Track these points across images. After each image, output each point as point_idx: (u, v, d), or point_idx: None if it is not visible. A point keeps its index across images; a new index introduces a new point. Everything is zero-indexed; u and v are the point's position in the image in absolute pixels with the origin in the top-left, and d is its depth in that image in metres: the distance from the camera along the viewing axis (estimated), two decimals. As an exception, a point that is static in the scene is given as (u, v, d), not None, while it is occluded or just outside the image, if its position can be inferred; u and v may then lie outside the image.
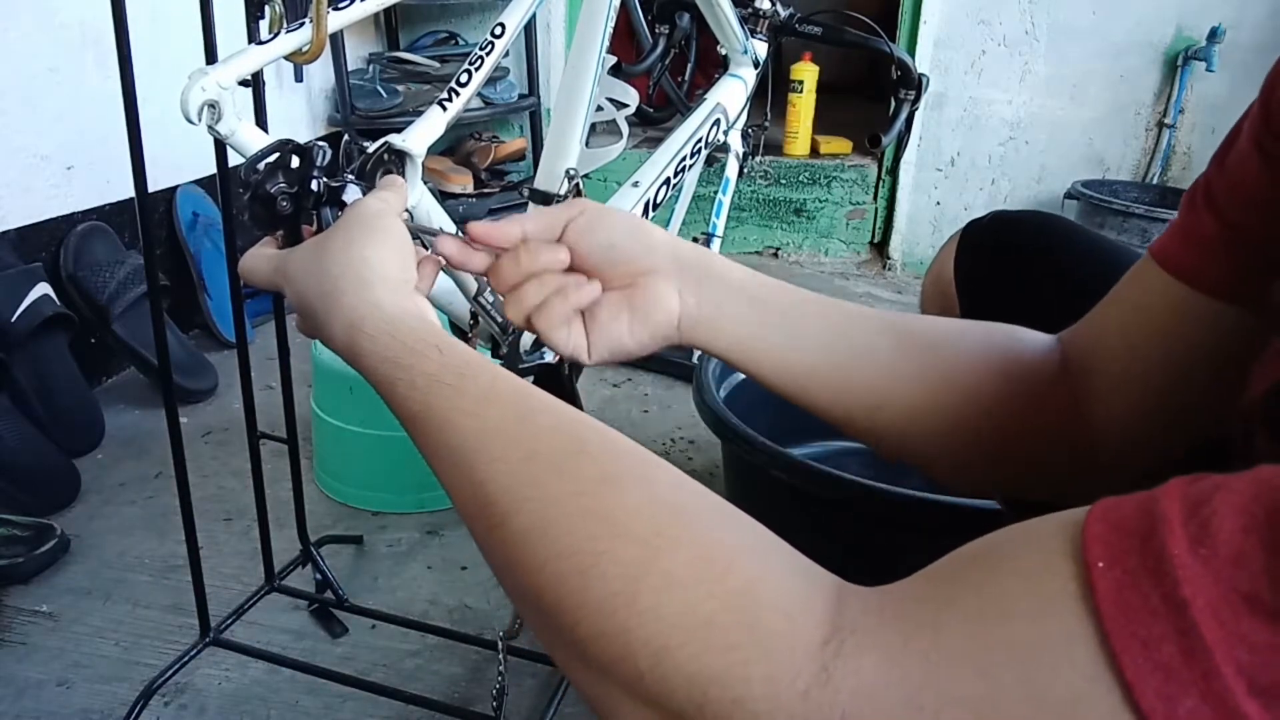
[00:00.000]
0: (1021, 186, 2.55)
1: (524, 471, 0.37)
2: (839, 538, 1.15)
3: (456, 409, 0.40)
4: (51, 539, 1.22)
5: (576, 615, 0.33)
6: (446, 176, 2.55)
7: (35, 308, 1.46)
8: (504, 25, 0.91)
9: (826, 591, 0.32)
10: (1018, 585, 0.28)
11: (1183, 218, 0.50)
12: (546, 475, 0.37)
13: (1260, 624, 0.23)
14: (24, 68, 1.57)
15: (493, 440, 0.39)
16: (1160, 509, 0.26)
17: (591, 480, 0.36)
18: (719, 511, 0.36)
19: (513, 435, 0.39)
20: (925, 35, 2.45)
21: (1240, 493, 0.26)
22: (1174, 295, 0.49)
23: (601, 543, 0.34)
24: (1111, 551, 0.26)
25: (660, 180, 1.10)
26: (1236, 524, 0.25)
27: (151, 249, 0.91)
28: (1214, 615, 0.24)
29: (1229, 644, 0.23)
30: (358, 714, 1.01)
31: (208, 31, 0.86)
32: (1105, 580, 0.26)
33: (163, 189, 1.86)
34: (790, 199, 2.72)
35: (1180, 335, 0.49)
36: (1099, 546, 0.27)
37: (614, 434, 0.39)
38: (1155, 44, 2.37)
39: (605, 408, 1.74)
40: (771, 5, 1.34)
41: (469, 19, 2.77)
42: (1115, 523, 0.27)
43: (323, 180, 0.55)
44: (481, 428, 0.39)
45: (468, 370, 0.42)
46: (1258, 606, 0.23)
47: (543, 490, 0.36)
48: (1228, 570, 0.24)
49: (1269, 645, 0.23)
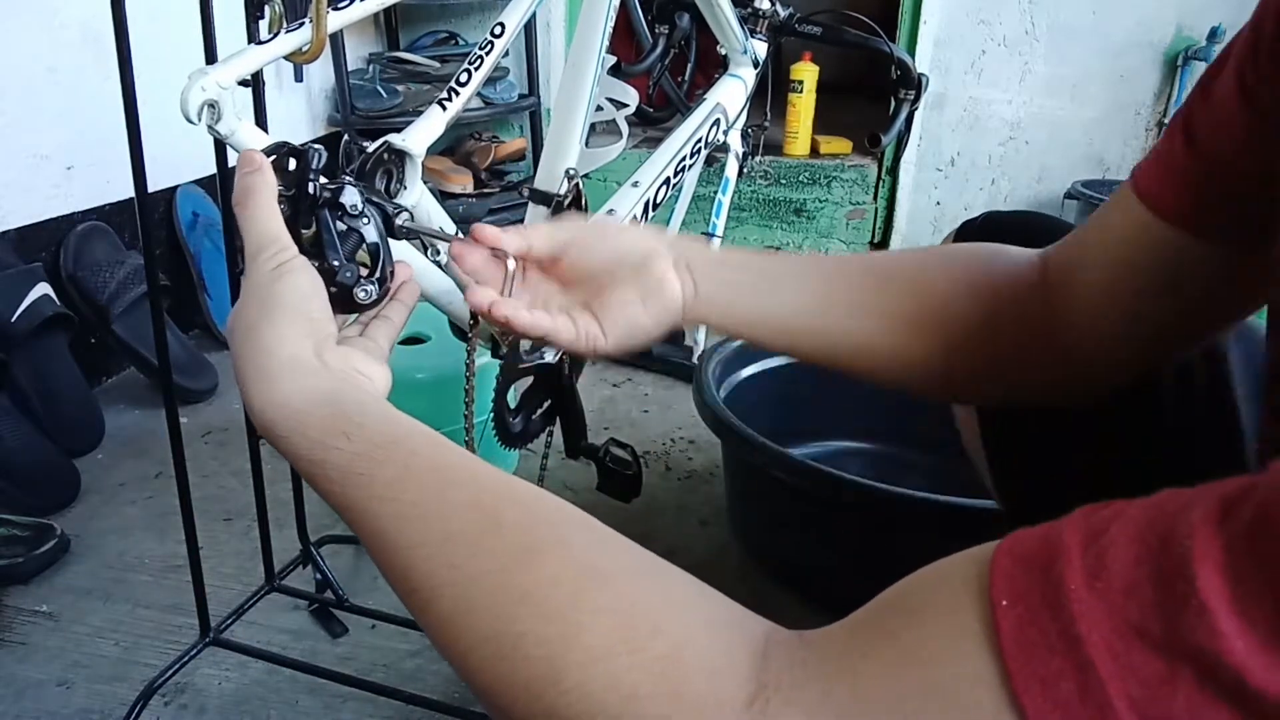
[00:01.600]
0: (1021, 186, 2.55)
1: (442, 554, 0.37)
2: (839, 538, 1.15)
3: (372, 498, 0.40)
4: (51, 539, 1.22)
5: (508, 697, 0.33)
6: (446, 176, 2.55)
7: (35, 308, 1.46)
8: (504, 25, 0.91)
9: (752, 645, 0.32)
10: (928, 627, 0.29)
11: (1162, 144, 0.50)
12: (464, 556, 0.36)
13: (1150, 657, 0.23)
14: (24, 68, 1.57)
15: (410, 525, 0.38)
16: (1061, 539, 0.27)
17: (508, 556, 0.35)
18: (641, 569, 0.36)
19: (429, 517, 0.38)
20: (925, 35, 2.45)
21: (1136, 521, 0.26)
22: (1143, 221, 0.50)
23: (521, 623, 0.33)
24: (1014, 588, 0.27)
25: (660, 180, 1.10)
26: (1130, 555, 0.25)
27: (151, 249, 0.91)
28: (1108, 649, 0.24)
29: (1121, 678, 0.24)
30: (358, 714, 1.01)
31: (208, 31, 0.86)
32: (1008, 619, 0.26)
33: (163, 189, 1.86)
34: (790, 199, 2.72)
35: (1146, 261, 0.50)
36: (1003, 583, 0.27)
37: (534, 496, 0.39)
38: (1155, 44, 2.37)
39: (605, 408, 1.74)
40: (771, 5, 1.34)
41: (469, 19, 2.77)
42: (1020, 556, 0.27)
43: (319, 183, 0.55)
44: (399, 512, 0.39)
45: (379, 455, 0.41)
46: (1148, 639, 0.24)
47: (461, 572, 0.36)
48: (1120, 602, 0.24)
49: (1159, 678, 0.23)
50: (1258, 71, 0.43)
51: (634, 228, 0.59)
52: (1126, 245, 0.51)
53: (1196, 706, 0.23)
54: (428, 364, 1.37)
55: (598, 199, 0.96)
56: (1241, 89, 0.44)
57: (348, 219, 0.54)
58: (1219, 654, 0.22)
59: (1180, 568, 0.23)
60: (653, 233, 0.60)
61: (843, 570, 1.16)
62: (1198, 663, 0.23)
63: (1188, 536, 0.24)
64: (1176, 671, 0.23)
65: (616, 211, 1.06)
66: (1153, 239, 0.49)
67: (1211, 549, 0.23)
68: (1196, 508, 0.24)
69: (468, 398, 0.86)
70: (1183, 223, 0.48)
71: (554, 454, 1.02)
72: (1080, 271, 0.54)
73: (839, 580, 1.18)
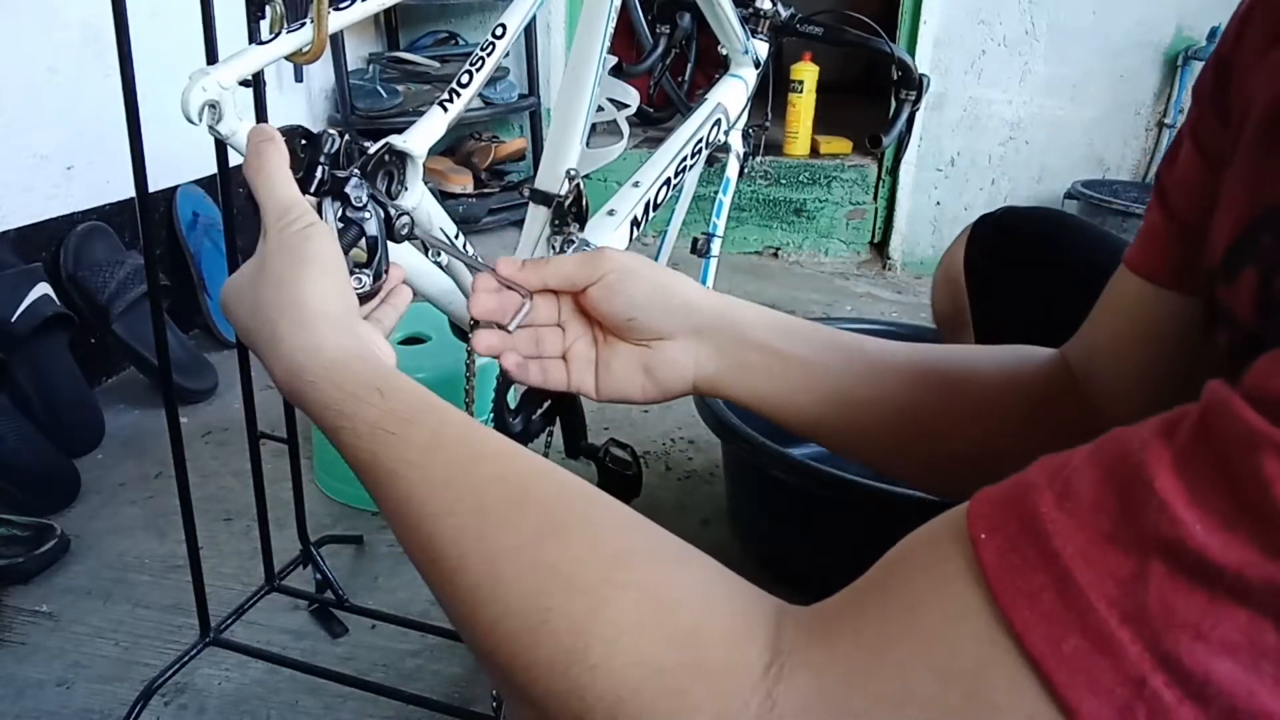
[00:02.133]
0: (1021, 186, 2.55)
1: (471, 525, 0.37)
2: (839, 538, 1.15)
3: (401, 460, 0.39)
4: (51, 539, 1.22)
5: (531, 673, 0.33)
6: (447, 176, 2.55)
7: (35, 308, 1.46)
8: (505, 26, 0.91)
9: (767, 618, 0.33)
10: (917, 577, 0.30)
11: (1145, 219, 0.52)
12: (493, 529, 0.36)
13: (1122, 557, 0.25)
14: (24, 68, 1.57)
15: (439, 493, 0.38)
16: (1028, 478, 0.29)
17: (537, 532, 0.36)
18: (665, 550, 0.36)
19: (459, 487, 0.38)
20: (925, 35, 2.45)
21: (1093, 451, 0.28)
22: (1144, 294, 0.51)
23: (548, 598, 0.34)
24: (991, 523, 0.29)
25: (660, 180, 1.10)
26: (1092, 476, 0.27)
27: (151, 249, 0.91)
28: (1083, 559, 0.26)
29: (1100, 581, 0.26)
30: (358, 714, 1.01)
31: (208, 31, 0.86)
32: (988, 549, 0.28)
33: (163, 189, 1.86)
34: (790, 199, 2.72)
35: (1158, 332, 0.51)
36: (981, 522, 0.29)
37: (561, 476, 0.39)
38: (1155, 44, 2.37)
39: (605, 408, 1.74)
40: (772, 5, 1.34)
41: (469, 19, 2.77)
42: (992, 498, 0.30)
43: (327, 169, 0.54)
44: (427, 478, 0.38)
45: (412, 416, 0.41)
46: (1117, 542, 0.26)
47: (489, 545, 0.36)
48: (1088, 515, 0.27)
49: (1132, 575, 0.25)
50: (1207, 129, 0.46)
51: (665, 275, 0.57)
52: (1134, 322, 0.52)
53: (1168, 593, 0.25)
54: (428, 364, 1.37)
55: (598, 199, 0.96)
56: (1195, 143, 0.47)
57: (351, 210, 0.55)
58: (1182, 540, 0.24)
59: (1137, 474, 0.26)
60: (678, 312, 0.56)
61: (843, 570, 1.15)
62: (1164, 553, 0.25)
63: (1140, 450, 0.26)
64: (1147, 565, 0.25)
65: (617, 211, 1.06)
66: (1156, 308, 0.50)
67: (1163, 455, 0.26)
68: (1145, 428, 0.27)
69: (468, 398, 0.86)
70: (1175, 284, 0.49)
71: (554, 454, 1.02)
72: (1099, 360, 0.54)
73: (839, 580, 1.18)
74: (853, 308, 2.37)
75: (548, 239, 0.91)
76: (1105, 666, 0.25)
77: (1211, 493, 0.25)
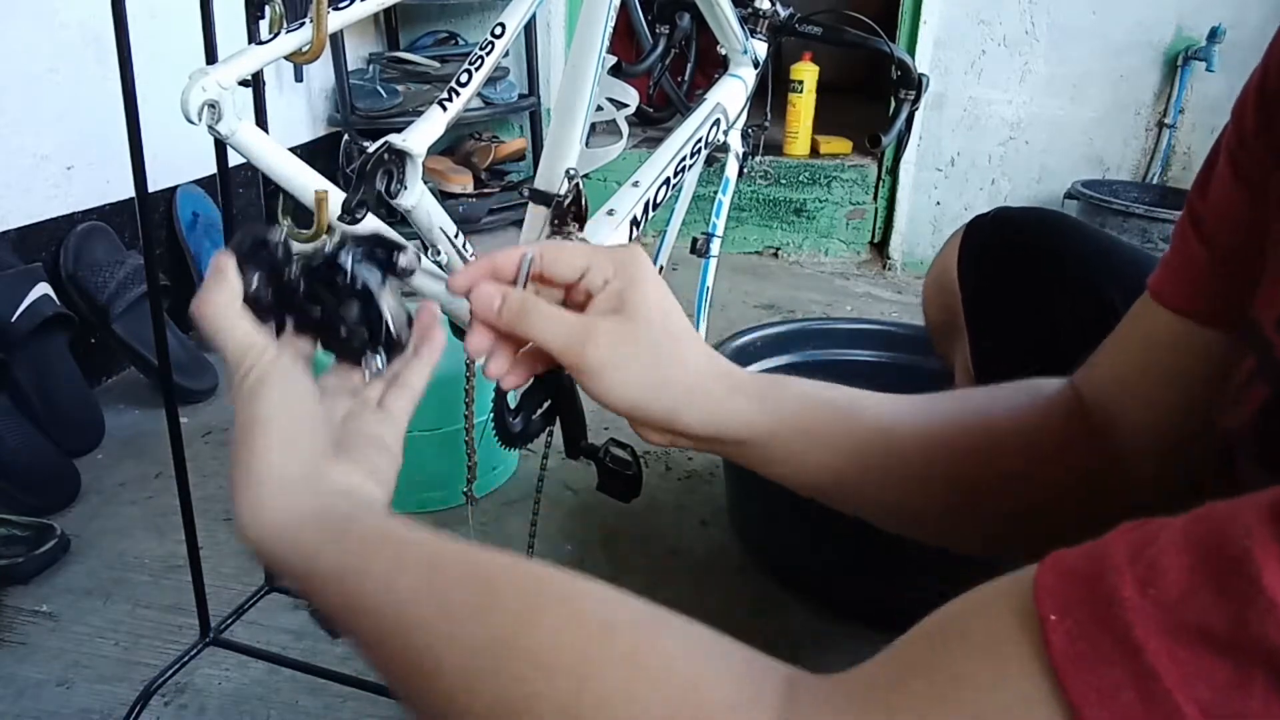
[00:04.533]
0: (1021, 186, 2.55)
1: (442, 629, 0.36)
2: (839, 538, 1.15)
3: (365, 592, 0.39)
4: (51, 539, 1.22)
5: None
6: (446, 176, 2.55)
7: (35, 308, 1.46)
8: (504, 25, 0.91)
9: (776, 687, 0.31)
10: (970, 656, 0.27)
11: (1174, 249, 0.50)
12: (464, 628, 0.35)
13: (1217, 659, 0.23)
14: (24, 68, 1.57)
15: (406, 610, 0.37)
16: (1107, 553, 0.26)
17: (510, 620, 0.35)
18: (647, 619, 0.35)
19: (425, 598, 0.37)
20: (925, 35, 2.45)
21: (1183, 529, 0.25)
22: (1178, 331, 0.48)
23: (529, 685, 0.32)
24: (1062, 602, 0.26)
25: (660, 180, 1.10)
26: (1183, 561, 0.24)
27: (151, 249, 0.91)
28: (1170, 656, 0.23)
29: (1188, 684, 0.23)
30: (358, 714, 1.01)
31: (208, 31, 0.86)
32: (1058, 633, 0.25)
33: (163, 189, 1.86)
34: (790, 199, 2.72)
35: (1191, 369, 0.49)
36: (1050, 599, 0.26)
37: (529, 565, 0.38)
38: (1155, 44, 2.37)
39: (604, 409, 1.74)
40: (771, 5, 1.34)
41: (469, 19, 2.77)
42: (1064, 572, 0.26)
43: (293, 268, 0.49)
44: (395, 600, 0.38)
45: (369, 550, 0.40)
46: (1212, 642, 0.23)
47: (462, 644, 0.35)
48: (1179, 608, 0.23)
49: (1229, 681, 0.22)
50: (1246, 151, 0.44)
51: (666, 346, 0.51)
52: (1164, 358, 0.50)
53: (1273, 704, 0.22)
54: (428, 364, 1.37)
55: (598, 199, 0.96)
56: (1235, 171, 0.45)
57: (343, 292, 0.49)
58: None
59: (1240, 567, 0.23)
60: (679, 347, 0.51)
61: (843, 570, 1.16)
62: (1270, 662, 0.22)
63: (1245, 537, 0.23)
64: (1247, 672, 0.22)
65: (617, 211, 1.06)
66: (1191, 345, 0.48)
67: (1272, 548, 0.22)
68: (1248, 511, 0.24)
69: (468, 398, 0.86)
70: (1215, 321, 0.47)
71: (554, 454, 1.02)
72: (1123, 396, 0.52)
73: (839, 580, 1.18)
74: (853, 308, 2.37)
75: (547, 239, 0.91)
76: None
77: None
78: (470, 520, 1.37)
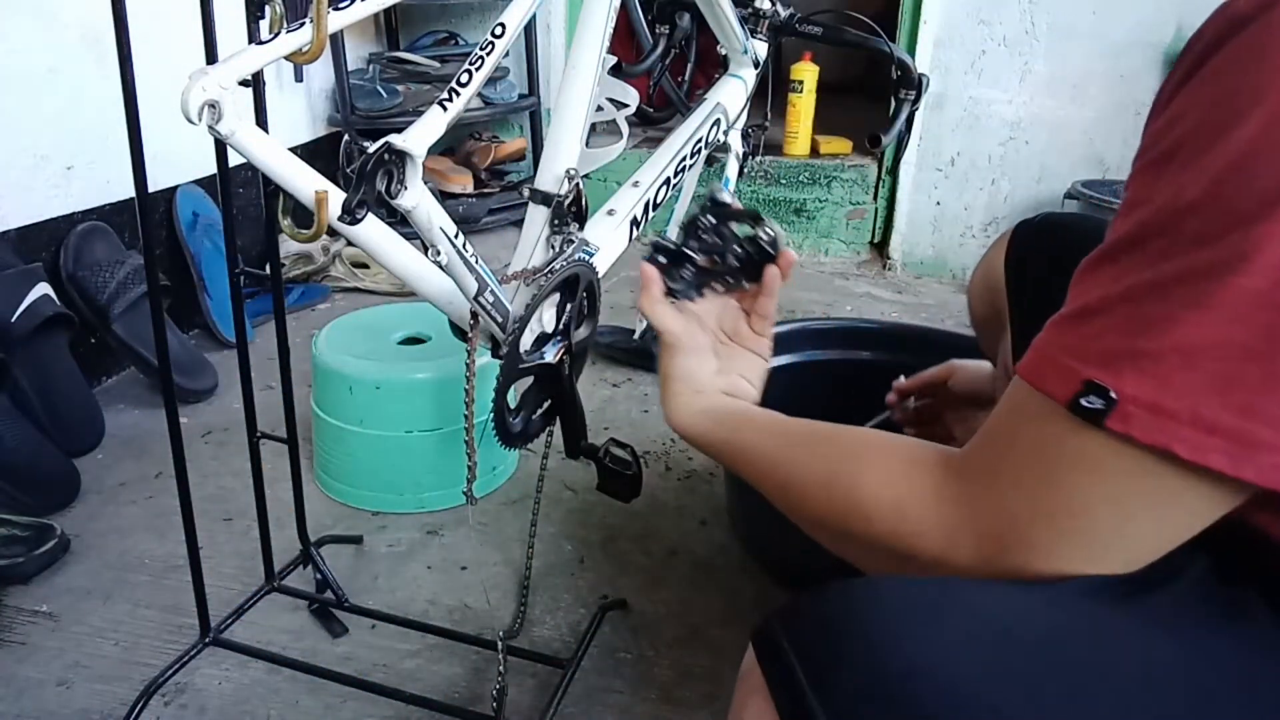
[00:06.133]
0: (1021, 186, 2.55)
1: (789, 466, 0.62)
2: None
3: (742, 453, 0.68)
4: (51, 539, 1.22)
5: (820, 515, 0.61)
6: (446, 176, 2.55)
7: (35, 308, 1.46)
8: (504, 25, 0.91)
9: (937, 479, 0.53)
10: (1023, 427, 0.49)
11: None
12: (804, 464, 0.61)
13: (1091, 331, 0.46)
14: (24, 68, 1.57)
15: (769, 455, 0.65)
16: (1040, 346, 0.49)
17: (834, 456, 0.60)
18: (878, 450, 0.58)
19: (780, 449, 0.65)
20: (925, 35, 2.45)
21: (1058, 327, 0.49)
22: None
23: (842, 498, 0.58)
24: (1033, 374, 0.48)
25: (660, 180, 1.10)
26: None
27: (151, 249, 0.91)
28: (1074, 351, 0.46)
29: (1088, 347, 0.46)
30: (358, 714, 1.01)
31: (208, 31, 0.86)
32: (1042, 381, 0.47)
33: (163, 189, 1.86)
34: (790, 199, 2.72)
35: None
36: (1030, 374, 0.48)
37: (838, 427, 0.62)
38: (1155, 44, 2.37)
39: (605, 408, 1.74)
40: (771, 5, 1.34)
41: (469, 19, 2.77)
42: (1028, 368, 0.49)
43: (695, 245, 0.77)
44: (761, 453, 0.66)
45: (739, 426, 0.70)
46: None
47: (803, 472, 0.61)
48: (1087, 340, 0.46)
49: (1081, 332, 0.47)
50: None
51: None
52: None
53: (1063, 335, 0.48)
54: (428, 364, 1.37)
55: (598, 199, 0.96)
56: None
57: (738, 217, 0.79)
58: (1071, 310, 0.48)
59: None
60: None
61: (842, 570, 1.15)
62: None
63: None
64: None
65: (616, 211, 1.06)
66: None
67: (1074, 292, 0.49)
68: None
69: (468, 398, 0.86)
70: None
71: (554, 454, 1.02)
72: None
73: (838, 580, 1.18)
74: (852, 308, 2.37)
75: (547, 239, 0.91)
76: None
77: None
78: (470, 520, 1.37)
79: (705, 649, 1.12)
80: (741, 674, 0.51)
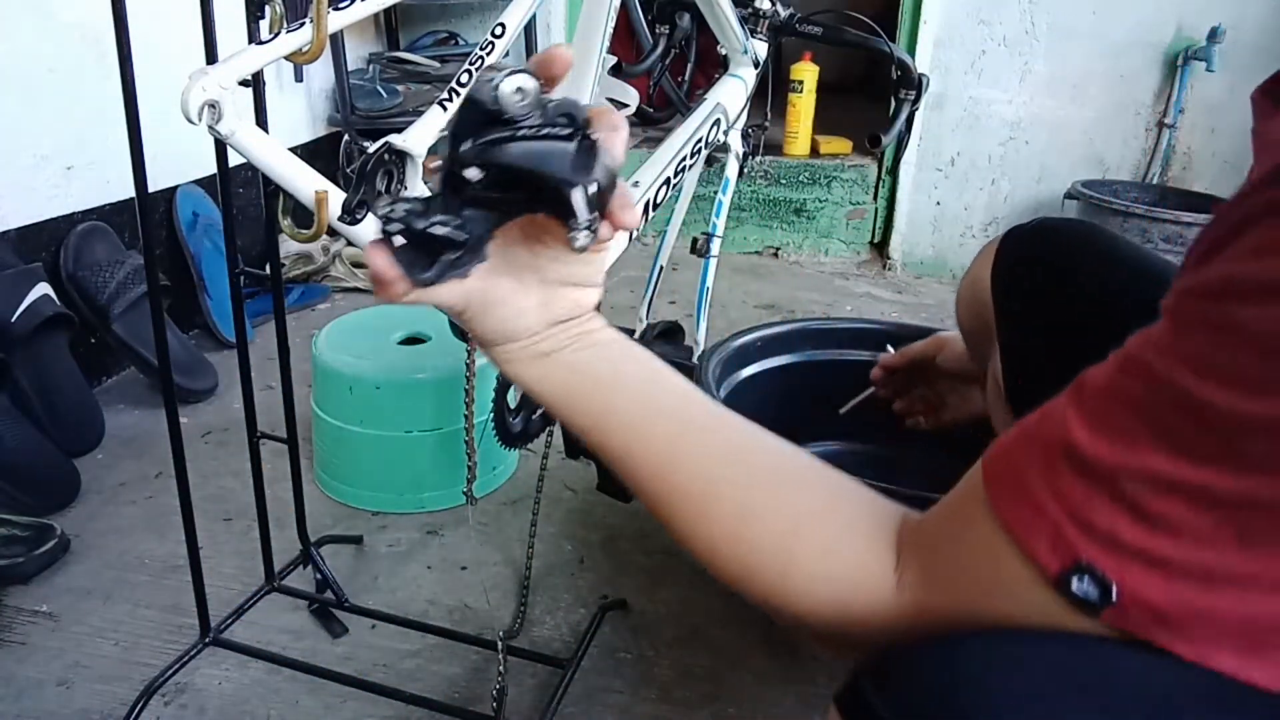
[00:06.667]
0: (1021, 186, 2.55)
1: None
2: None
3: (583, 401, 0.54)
4: (51, 539, 1.22)
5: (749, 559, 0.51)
6: (446, 176, 2.55)
7: (35, 308, 1.46)
8: (504, 25, 0.91)
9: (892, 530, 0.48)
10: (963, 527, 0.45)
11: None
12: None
13: (1079, 486, 0.39)
14: (24, 68, 1.57)
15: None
16: (1006, 452, 0.44)
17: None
18: (821, 506, 0.51)
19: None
20: (925, 35, 2.45)
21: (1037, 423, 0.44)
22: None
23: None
24: (993, 479, 0.43)
25: (660, 180, 1.10)
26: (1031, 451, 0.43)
27: (151, 249, 0.91)
28: (1048, 490, 0.40)
29: (1058, 501, 0.40)
30: (358, 714, 1.01)
31: (208, 31, 0.86)
32: (996, 496, 0.43)
33: (163, 189, 1.86)
34: (790, 199, 2.72)
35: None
36: (991, 483, 0.43)
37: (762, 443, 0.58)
38: (1155, 44, 2.37)
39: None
40: (771, 5, 1.34)
41: (469, 19, 2.77)
42: (992, 462, 0.44)
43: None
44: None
45: (582, 370, 0.54)
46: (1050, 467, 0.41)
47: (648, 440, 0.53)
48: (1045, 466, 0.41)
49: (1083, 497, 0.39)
50: None
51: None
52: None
53: (1057, 478, 0.40)
54: (428, 364, 1.37)
55: (598, 199, 0.96)
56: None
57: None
58: (1071, 443, 0.39)
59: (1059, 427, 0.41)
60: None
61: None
62: (1064, 452, 0.40)
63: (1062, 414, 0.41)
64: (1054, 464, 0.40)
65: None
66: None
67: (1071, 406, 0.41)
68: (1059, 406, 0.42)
69: (468, 398, 0.86)
70: None
71: (554, 454, 1.02)
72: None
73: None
74: (852, 308, 2.37)
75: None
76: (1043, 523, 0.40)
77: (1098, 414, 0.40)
78: (470, 520, 1.37)
79: (705, 649, 1.12)
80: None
